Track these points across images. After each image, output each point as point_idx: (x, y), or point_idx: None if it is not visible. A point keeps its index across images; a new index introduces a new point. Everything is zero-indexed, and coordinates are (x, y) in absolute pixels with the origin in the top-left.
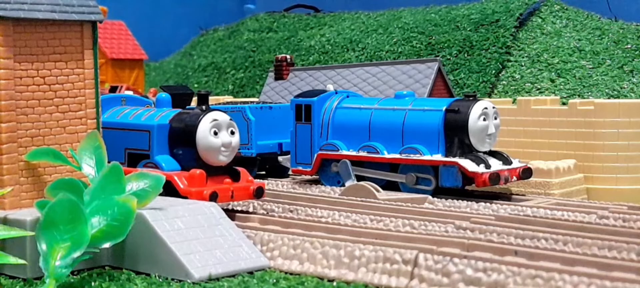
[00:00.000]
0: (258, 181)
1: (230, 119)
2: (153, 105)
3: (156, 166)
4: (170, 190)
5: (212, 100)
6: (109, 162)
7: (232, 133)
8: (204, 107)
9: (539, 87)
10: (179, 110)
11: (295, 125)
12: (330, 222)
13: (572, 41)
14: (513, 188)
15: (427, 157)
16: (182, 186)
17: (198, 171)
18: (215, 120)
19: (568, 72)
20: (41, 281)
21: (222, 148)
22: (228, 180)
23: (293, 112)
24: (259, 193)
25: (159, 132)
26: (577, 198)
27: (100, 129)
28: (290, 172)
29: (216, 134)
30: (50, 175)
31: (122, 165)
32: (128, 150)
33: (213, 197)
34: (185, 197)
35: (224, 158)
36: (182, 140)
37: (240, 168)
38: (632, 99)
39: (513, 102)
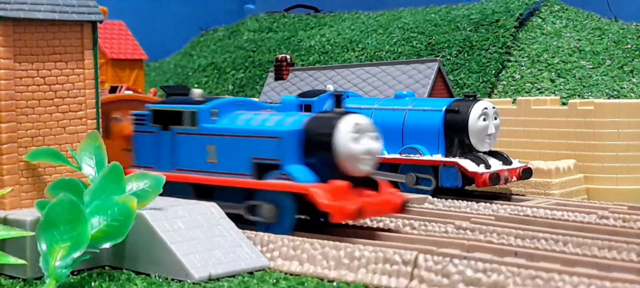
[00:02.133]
0: (402, 193)
1: (372, 123)
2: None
3: (289, 177)
4: (305, 205)
5: None
6: (235, 173)
7: (375, 138)
8: (340, 109)
9: (539, 87)
10: (312, 113)
11: None
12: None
13: (572, 41)
14: (513, 188)
15: (427, 157)
16: (322, 200)
17: (341, 183)
18: (357, 124)
19: (568, 72)
20: (41, 281)
21: (365, 156)
22: (369, 191)
23: None
24: (405, 206)
25: (291, 139)
26: (577, 199)
27: (100, 129)
28: None
29: (357, 139)
30: (50, 175)
31: (246, 176)
32: (254, 159)
33: (360, 214)
34: (325, 213)
35: (366, 168)
36: (318, 148)
37: (378, 178)
38: (632, 99)
39: (513, 102)
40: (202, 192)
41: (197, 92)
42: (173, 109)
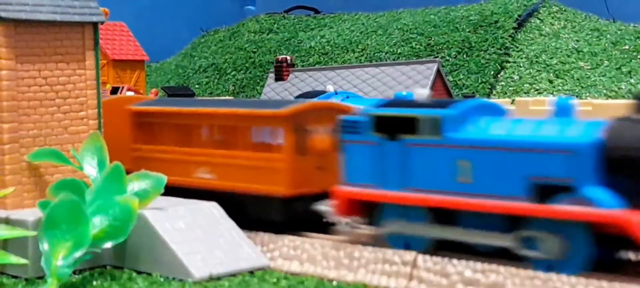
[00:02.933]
0: None
1: None
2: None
3: (588, 202)
4: (601, 238)
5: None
6: (500, 196)
7: None
8: None
9: (537, 87)
10: (604, 120)
11: None
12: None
13: (571, 42)
14: None
15: None
16: None
17: None
18: None
19: (566, 73)
20: (43, 281)
21: None
22: None
23: None
24: None
25: (588, 153)
26: None
27: (102, 130)
28: None
29: None
30: (52, 175)
31: (517, 199)
32: (534, 179)
33: None
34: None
35: None
36: (627, 165)
37: None
38: (630, 100)
39: (512, 103)
40: (442, 217)
41: (422, 92)
42: (405, 114)
